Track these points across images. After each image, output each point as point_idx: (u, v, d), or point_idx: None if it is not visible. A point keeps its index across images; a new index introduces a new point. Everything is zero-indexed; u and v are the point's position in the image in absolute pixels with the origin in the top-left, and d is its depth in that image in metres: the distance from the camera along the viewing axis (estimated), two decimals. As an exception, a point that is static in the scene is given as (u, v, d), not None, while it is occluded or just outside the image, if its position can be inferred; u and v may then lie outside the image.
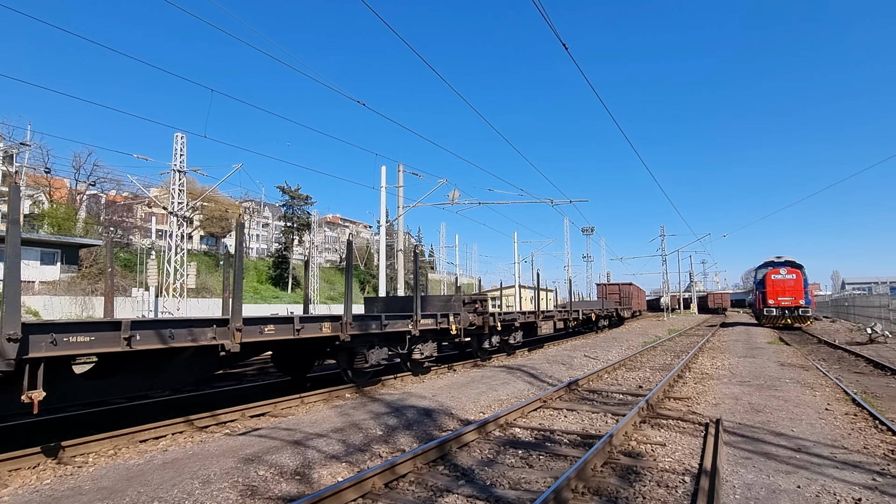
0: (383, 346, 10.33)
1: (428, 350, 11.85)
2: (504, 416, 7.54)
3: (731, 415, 8.11)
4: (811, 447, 6.33)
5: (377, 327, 9.97)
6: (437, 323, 11.98)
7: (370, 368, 10.04)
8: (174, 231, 33.56)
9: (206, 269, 48.53)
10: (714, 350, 18.96)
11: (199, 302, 38.22)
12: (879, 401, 9.50)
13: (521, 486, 5.05)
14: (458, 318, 12.76)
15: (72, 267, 36.90)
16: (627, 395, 9.95)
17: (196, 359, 7.38)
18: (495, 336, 15.03)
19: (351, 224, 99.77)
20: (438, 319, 12.05)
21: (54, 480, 5.14)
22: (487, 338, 14.58)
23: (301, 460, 5.61)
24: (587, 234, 62.73)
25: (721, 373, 12.92)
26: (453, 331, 12.55)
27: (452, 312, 12.73)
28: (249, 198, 68.08)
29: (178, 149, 32.77)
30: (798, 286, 31.54)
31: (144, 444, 6.58)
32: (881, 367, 13.78)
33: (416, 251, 14.31)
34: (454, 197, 27.17)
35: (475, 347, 14.54)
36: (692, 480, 5.12)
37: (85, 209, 47.51)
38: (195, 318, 6.94)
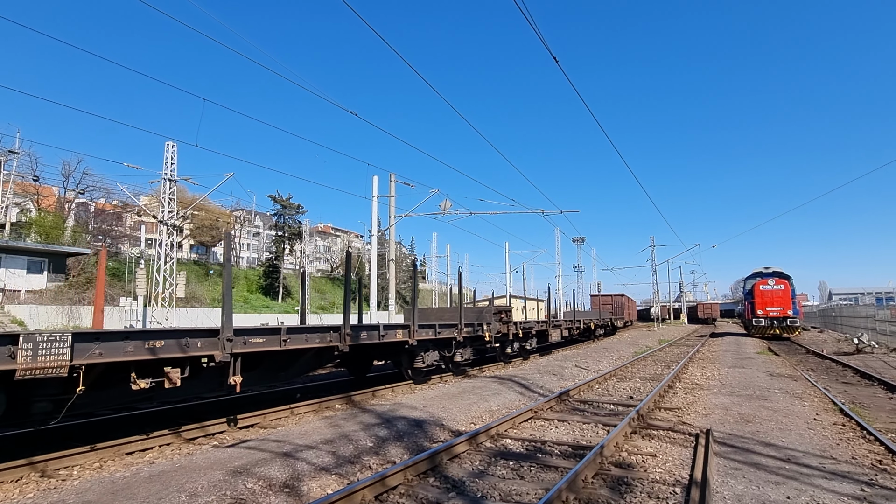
0: (435, 350, 12.35)
1: (467, 354, 13.85)
2: (495, 427, 7.52)
3: (721, 425, 8.15)
4: (800, 457, 6.36)
5: (433, 334, 12.00)
6: (475, 331, 13.90)
7: (426, 368, 12.17)
8: (164, 240, 33.28)
9: (196, 278, 48.11)
10: (704, 360, 19.06)
11: (188, 311, 37.83)
12: (867, 411, 9.58)
13: (513, 497, 5.03)
14: (490, 327, 14.68)
15: (59, 276, 36.42)
16: (618, 405, 9.96)
17: (314, 357, 9.33)
18: (517, 342, 17.28)
19: (342, 234, 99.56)
20: (475, 328, 13.94)
21: (37, 494, 5.04)
22: (510, 343, 16.80)
23: (290, 472, 5.55)
24: (578, 245, 62.99)
25: (711, 383, 12.98)
26: (487, 337, 14.50)
27: (486, 322, 14.68)
28: (240, 207, 67.81)
29: (168, 157, 32.61)
30: (786, 297, 31.86)
31: (131, 457, 6.48)
32: (868, 377, 13.92)
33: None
34: (446, 207, 27.23)
35: (499, 351, 16.67)
36: (682, 491, 5.12)
37: (73, 217, 47.03)
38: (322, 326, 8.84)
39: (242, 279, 57.97)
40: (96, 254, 42.19)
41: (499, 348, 16.43)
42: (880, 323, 26.18)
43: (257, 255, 74.26)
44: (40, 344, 5.03)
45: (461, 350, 13.42)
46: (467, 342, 13.59)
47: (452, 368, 13.87)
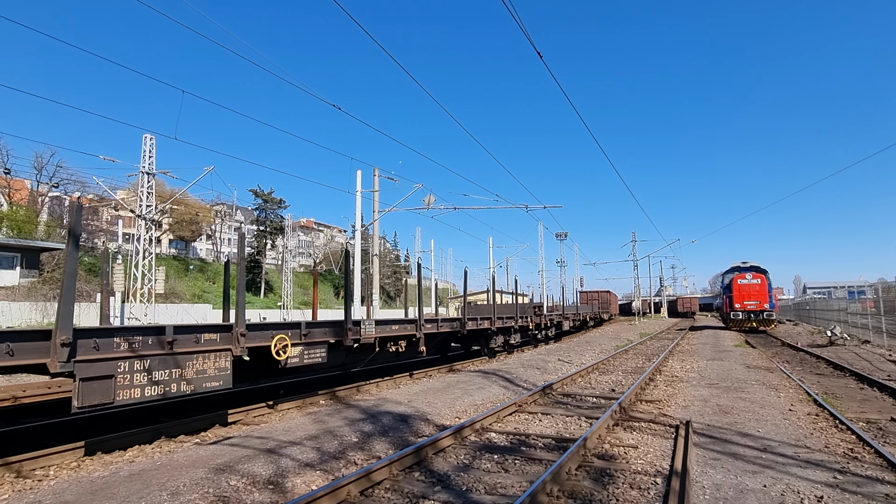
0: (500, 336, 17.57)
1: (518, 338, 19.11)
2: (480, 421, 7.56)
3: (700, 416, 8.32)
4: (776, 447, 6.53)
5: (501, 323, 17.35)
6: (524, 321, 19.56)
7: (498, 347, 17.47)
8: (142, 235, 32.61)
9: (175, 273, 47.28)
10: (684, 353, 19.41)
11: (167, 307, 37.17)
12: (839, 401, 9.87)
13: (497, 490, 5.07)
14: (529, 319, 20.33)
15: (32, 272, 35.46)
16: (601, 398, 10.10)
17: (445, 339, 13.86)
18: (545, 330, 23.09)
19: (325, 228, 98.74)
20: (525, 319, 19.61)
21: (12, 495, 4.92)
22: (542, 330, 22.41)
23: (274, 469, 5.51)
24: (561, 240, 63.37)
25: (690, 375, 13.23)
26: (531, 326, 20.49)
27: (529, 315, 20.54)
28: (221, 201, 66.65)
29: (146, 150, 31.89)
30: (763, 290, 32.58)
31: (109, 456, 6.36)
32: (840, 368, 14.34)
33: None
34: (430, 202, 27.21)
35: (532, 337, 21.80)
36: (663, 481, 5.22)
37: (47, 211, 45.79)
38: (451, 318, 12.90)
39: (223, 274, 57.20)
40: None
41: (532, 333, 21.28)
42: (852, 316, 26.95)
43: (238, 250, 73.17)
44: (362, 327, 10.00)
45: (515, 335, 18.78)
46: (519, 330, 18.99)
47: (507, 348, 18.49)
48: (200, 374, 6.67)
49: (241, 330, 7.08)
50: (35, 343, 5.28)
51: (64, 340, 5.22)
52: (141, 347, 6.09)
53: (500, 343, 17.46)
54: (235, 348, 7.05)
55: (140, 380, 6.00)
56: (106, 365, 5.70)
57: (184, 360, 6.46)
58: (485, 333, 16.56)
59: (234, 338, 7.07)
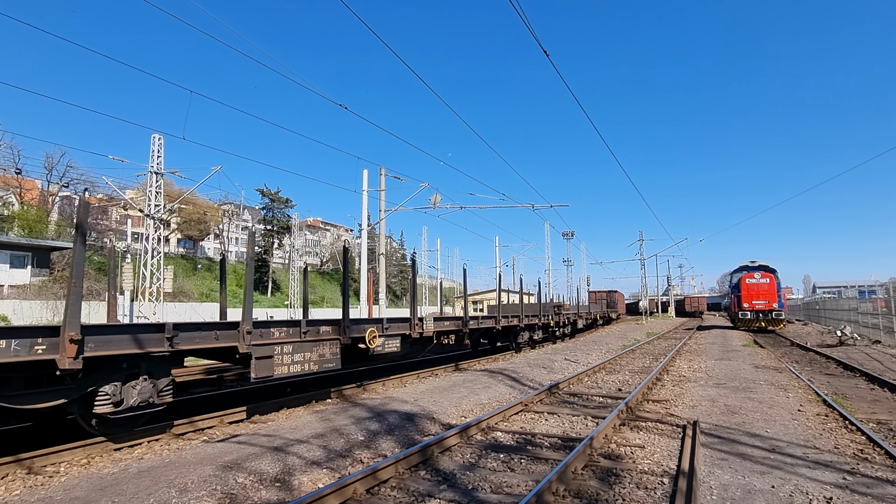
0: (526, 332, 19.20)
1: (541, 334, 21.05)
2: (486, 420, 7.56)
3: (707, 416, 8.27)
4: (785, 447, 6.48)
5: (527, 321, 18.73)
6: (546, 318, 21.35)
7: (524, 342, 19.11)
8: (151, 234, 32.87)
9: (184, 272, 47.64)
10: (691, 353, 19.30)
11: (175, 306, 37.44)
12: (849, 401, 9.78)
13: (503, 489, 5.07)
14: (550, 317, 22.16)
15: (43, 270, 35.85)
16: (607, 397, 10.06)
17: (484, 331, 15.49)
18: (563, 328, 24.79)
19: (332, 228, 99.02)
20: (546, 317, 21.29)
21: (24, 491, 4.98)
22: (559, 328, 23.97)
23: (281, 467, 5.54)
24: (567, 239, 63.18)
25: (698, 375, 13.15)
26: (552, 323, 22.44)
27: (550, 313, 22.39)
28: (229, 200, 66.98)
29: (155, 150, 32.13)
30: (772, 290, 32.29)
31: (119, 453, 6.42)
32: (850, 368, 14.19)
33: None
34: (436, 201, 27.17)
35: (550, 334, 23.18)
36: (670, 482, 5.20)
37: (57, 211, 46.24)
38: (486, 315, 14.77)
39: (231, 273, 57.49)
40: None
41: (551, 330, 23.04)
42: (862, 315, 26.66)
43: (246, 249, 73.58)
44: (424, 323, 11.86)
45: (540, 331, 20.77)
46: (542, 327, 20.80)
47: (531, 344, 20.06)
48: (321, 356, 8.66)
49: (347, 324, 9.21)
50: (231, 331, 7.38)
51: (248, 329, 7.38)
52: (287, 336, 8.15)
53: (525, 339, 19.18)
54: (343, 338, 9.11)
55: (287, 360, 8.03)
56: (269, 348, 7.75)
57: (311, 346, 8.50)
58: (513, 330, 18.25)
59: (342, 330, 9.15)
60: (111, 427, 6.51)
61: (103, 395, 6.13)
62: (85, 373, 5.87)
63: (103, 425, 6.44)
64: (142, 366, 6.53)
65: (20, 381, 5.58)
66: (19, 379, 5.56)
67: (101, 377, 6.14)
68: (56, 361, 5.39)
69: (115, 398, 6.22)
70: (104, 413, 6.16)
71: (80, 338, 5.46)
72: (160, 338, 6.45)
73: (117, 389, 6.24)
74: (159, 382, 6.70)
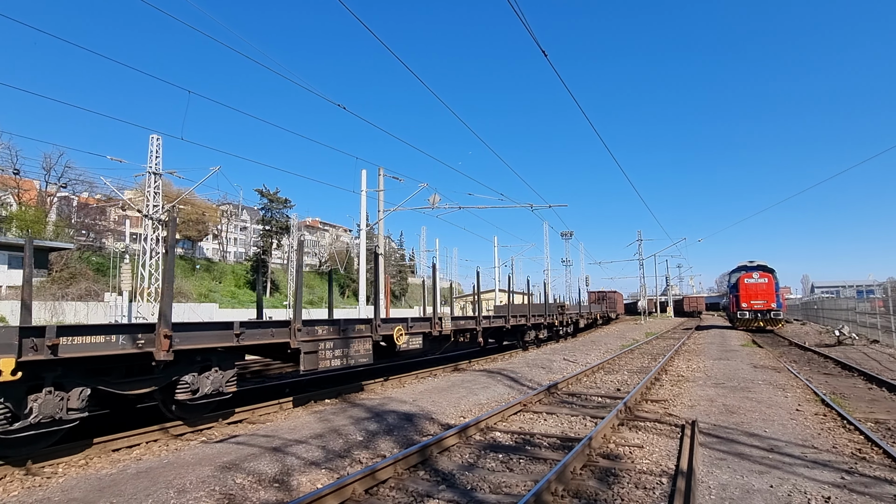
0: (533, 331, 20.16)
1: (545, 333, 22.27)
2: (485, 420, 7.56)
3: (706, 416, 8.28)
4: (783, 447, 6.49)
5: (533, 320, 19.65)
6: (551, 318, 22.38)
7: (531, 341, 20.12)
8: (149, 234, 32.82)
9: (182, 273, 47.58)
10: (690, 353, 19.32)
11: (173, 307, 37.36)
12: (847, 401, 9.80)
13: (502, 489, 5.07)
14: (554, 316, 23.03)
15: (41, 271, 35.76)
16: (606, 397, 10.07)
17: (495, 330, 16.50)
18: (566, 327, 25.41)
19: (331, 228, 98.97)
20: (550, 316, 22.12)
21: (22, 492, 4.97)
22: (562, 327, 24.73)
23: (280, 467, 5.54)
24: (566, 239, 63.23)
25: (696, 375, 13.16)
26: (556, 323, 23.30)
27: (555, 313, 23.24)
28: (227, 201, 66.98)
29: (153, 150, 32.10)
30: (770, 290, 32.34)
31: (117, 454, 6.41)
32: (848, 368, 14.22)
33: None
34: (435, 201, 27.17)
35: (553, 333, 24.00)
36: (669, 481, 5.20)
37: (55, 212, 46.15)
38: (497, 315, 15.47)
39: (230, 274, 57.45)
40: (79, 249, 41.50)
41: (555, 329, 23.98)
42: (860, 315, 26.70)
43: (244, 249, 73.54)
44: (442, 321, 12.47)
45: (545, 330, 21.86)
46: (547, 326, 21.99)
47: (536, 342, 21.09)
48: (357, 352, 9.41)
49: (378, 323, 9.93)
50: (283, 329, 8.23)
51: (298, 327, 8.23)
52: (328, 333, 8.95)
53: (532, 337, 20.18)
54: (375, 335, 9.87)
55: (329, 355, 8.82)
56: (314, 344, 8.53)
57: (349, 343, 9.27)
58: (521, 329, 19.11)
59: (373, 328, 9.89)
60: (188, 412, 7.38)
61: (183, 384, 7.04)
62: (170, 364, 6.73)
63: (181, 410, 7.30)
64: (213, 359, 7.47)
65: (122, 371, 6.51)
66: (121, 369, 6.50)
67: (181, 368, 7.01)
68: (153, 353, 6.24)
69: (193, 386, 7.12)
70: (183, 399, 7.07)
71: (171, 334, 6.35)
72: (230, 334, 7.34)
73: (194, 379, 7.14)
74: (226, 374, 7.64)
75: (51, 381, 5.60)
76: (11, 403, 5.26)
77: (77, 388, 5.84)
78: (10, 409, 5.25)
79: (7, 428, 5.24)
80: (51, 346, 5.31)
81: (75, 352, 5.54)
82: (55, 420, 5.62)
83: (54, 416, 5.59)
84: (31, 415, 5.41)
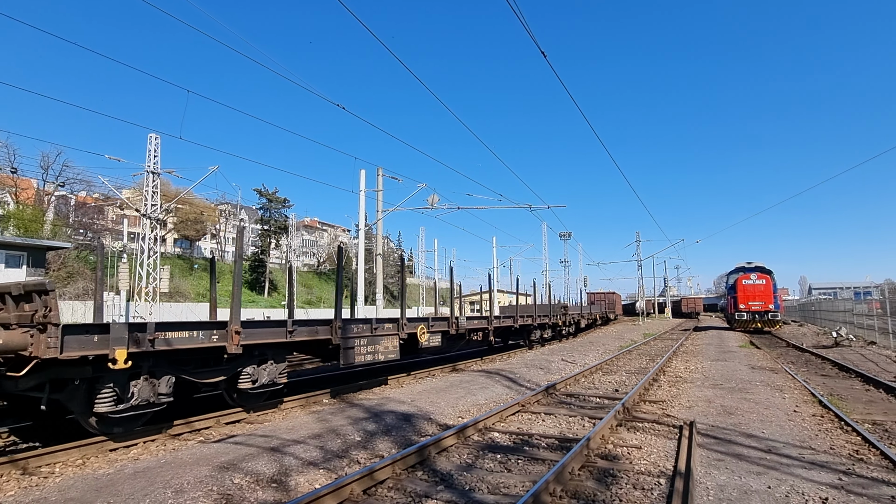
0: (538, 331, 21.02)
1: (550, 333, 23.10)
2: (483, 421, 7.56)
3: (704, 417, 8.29)
4: (781, 448, 6.50)
5: (539, 321, 20.61)
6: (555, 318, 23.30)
7: (536, 340, 20.86)
8: (147, 234, 32.76)
9: (180, 272, 47.50)
10: (688, 353, 19.34)
11: (171, 307, 37.32)
12: (844, 402, 9.82)
13: (500, 490, 5.07)
14: (558, 317, 24.16)
15: (38, 270, 35.63)
16: (604, 398, 10.07)
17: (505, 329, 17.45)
18: (568, 327, 26.14)
19: (329, 228, 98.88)
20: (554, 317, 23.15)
21: (18, 492, 4.96)
22: (565, 327, 25.51)
23: (278, 467, 5.53)
24: (565, 240, 63.29)
25: (694, 376, 13.18)
26: (560, 323, 24.37)
27: (559, 314, 24.42)
28: (226, 200, 66.83)
29: (151, 150, 32.03)
30: (768, 291, 32.41)
31: (114, 454, 6.39)
32: (846, 369, 14.25)
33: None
34: (433, 201, 27.18)
35: (557, 332, 24.53)
36: (667, 482, 5.21)
37: (53, 210, 46.03)
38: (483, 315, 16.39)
39: (228, 273, 57.32)
40: (77, 248, 41.39)
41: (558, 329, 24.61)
42: (858, 317, 26.77)
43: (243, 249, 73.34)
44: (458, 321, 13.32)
45: (549, 330, 22.74)
46: (551, 326, 22.76)
47: (541, 342, 21.92)
48: (386, 349, 10.21)
49: (404, 322, 10.84)
50: (326, 326, 9.15)
51: (339, 325, 9.11)
52: (362, 331, 9.78)
53: (538, 336, 21.07)
54: (401, 333, 10.74)
55: (363, 351, 9.68)
56: (351, 340, 9.40)
57: (379, 340, 10.10)
58: (527, 328, 20.02)
59: (399, 327, 10.76)
60: (247, 400, 8.29)
61: (245, 375, 7.97)
62: (236, 357, 7.66)
63: (242, 398, 8.20)
64: (268, 353, 8.35)
65: (198, 362, 7.41)
66: (197, 360, 7.39)
67: (243, 361, 7.92)
68: (226, 347, 7.28)
69: (252, 377, 8.05)
70: (245, 389, 7.97)
71: (241, 330, 7.39)
72: (283, 331, 8.31)
73: (254, 370, 8.08)
74: (279, 366, 8.55)
75: (146, 370, 6.54)
76: (118, 388, 6.24)
77: (165, 376, 6.78)
78: (116, 392, 6.23)
79: (114, 408, 6.20)
80: (150, 340, 6.31)
81: (165, 345, 6.52)
82: (149, 403, 6.58)
83: (149, 399, 6.55)
84: (132, 398, 6.37)
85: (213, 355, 7.49)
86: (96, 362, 5.94)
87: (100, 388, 6.10)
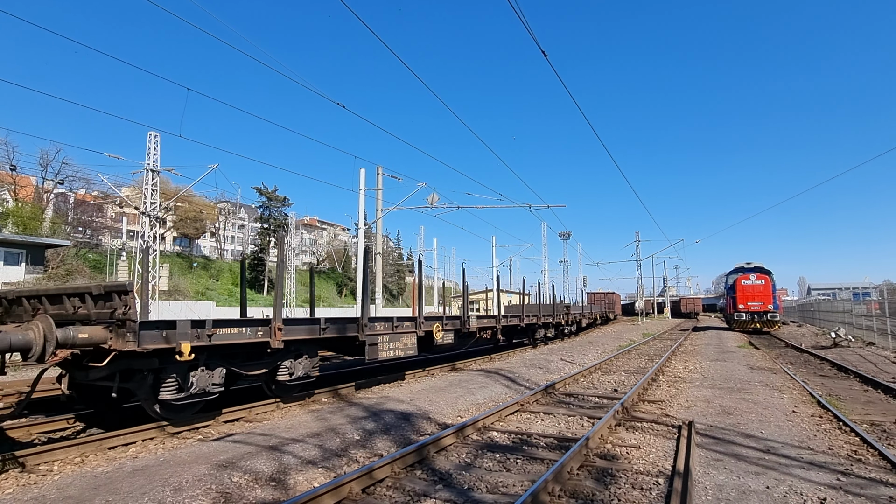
0: (542, 329, 21.49)
1: (553, 332, 23.51)
2: (482, 420, 7.56)
3: (703, 417, 8.29)
4: (779, 448, 6.51)
5: (543, 319, 21.16)
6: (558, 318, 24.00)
7: (540, 338, 21.59)
8: (146, 232, 32.72)
9: (179, 270, 47.48)
10: (687, 354, 19.35)
11: (170, 304, 37.29)
12: (843, 403, 9.83)
13: (499, 489, 5.07)
14: (561, 316, 24.72)
15: (37, 268, 35.59)
16: (603, 398, 10.08)
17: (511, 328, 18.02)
18: (570, 326, 26.63)
19: (329, 226, 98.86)
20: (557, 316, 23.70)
21: (17, 490, 4.95)
22: (567, 326, 26.04)
23: (277, 466, 5.53)
24: (564, 239, 63.25)
25: (693, 376, 13.19)
26: (563, 322, 24.92)
27: (562, 313, 25.03)
28: (225, 199, 66.89)
29: (151, 148, 31.98)
30: (767, 291, 32.42)
31: (113, 451, 6.39)
32: (844, 370, 14.26)
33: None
34: (433, 200, 27.17)
35: (559, 332, 24.91)
36: (666, 482, 5.21)
37: (52, 208, 45.99)
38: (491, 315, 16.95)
39: (227, 272, 57.33)
40: (76, 245, 41.35)
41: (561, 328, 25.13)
42: (857, 317, 26.79)
43: (242, 247, 73.42)
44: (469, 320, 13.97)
45: (553, 329, 23.36)
46: (554, 325, 23.42)
47: (545, 340, 22.52)
48: (405, 345, 10.74)
49: (421, 320, 11.48)
50: (353, 324, 9.78)
51: (365, 323, 9.80)
52: (384, 329, 10.41)
53: (542, 335, 21.72)
54: (419, 331, 11.38)
55: (385, 347, 10.17)
56: (375, 337, 9.97)
57: (399, 337, 10.65)
58: (532, 327, 20.55)
59: (417, 325, 11.41)
60: (284, 391, 8.98)
61: (283, 368, 8.61)
62: (276, 351, 8.22)
63: (279, 390, 8.88)
64: (303, 348, 8.98)
65: (244, 356, 8.09)
66: (244, 354, 8.07)
67: (283, 355, 8.54)
68: (270, 342, 7.94)
69: (290, 370, 8.70)
70: (283, 381, 8.60)
71: (283, 327, 8.07)
72: (316, 328, 8.95)
73: (291, 364, 8.73)
74: (312, 360, 9.20)
75: (203, 362, 7.24)
76: (180, 378, 6.89)
77: (218, 368, 7.49)
78: (178, 381, 6.87)
79: (176, 396, 6.86)
80: (209, 335, 6.99)
81: (219, 340, 7.20)
82: (204, 392, 7.24)
83: (205, 388, 7.22)
84: (191, 387, 7.03)
85: (256, 350, 8.18)
86: (162, 354, 6.59)
87: (164, 378, 6.74)
